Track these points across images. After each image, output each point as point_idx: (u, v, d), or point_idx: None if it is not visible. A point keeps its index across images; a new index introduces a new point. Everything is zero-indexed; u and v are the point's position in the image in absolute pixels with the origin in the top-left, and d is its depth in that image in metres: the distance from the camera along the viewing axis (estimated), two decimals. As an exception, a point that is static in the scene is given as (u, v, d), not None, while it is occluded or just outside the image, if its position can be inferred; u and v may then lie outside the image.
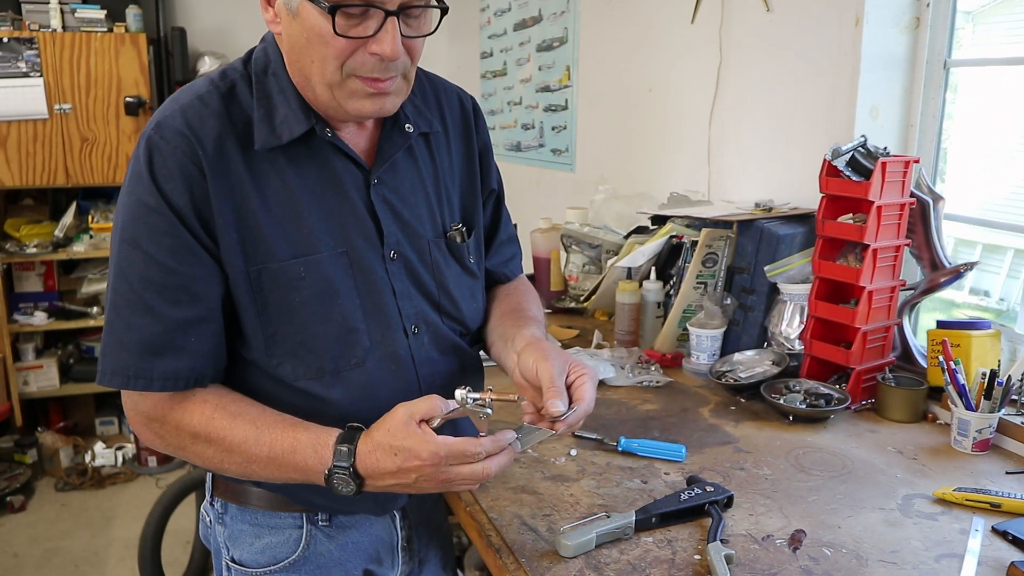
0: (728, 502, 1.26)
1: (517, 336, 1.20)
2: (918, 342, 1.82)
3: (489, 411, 1.03)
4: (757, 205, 1.98)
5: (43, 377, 4.09)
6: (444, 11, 1.07)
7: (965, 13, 1.85)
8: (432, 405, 1.02)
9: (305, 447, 1.04)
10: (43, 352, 4.19)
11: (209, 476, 1.29)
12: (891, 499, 1.31)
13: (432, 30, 1.08)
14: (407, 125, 1.18)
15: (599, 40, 3.00)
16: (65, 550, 3.33)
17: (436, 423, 1.02)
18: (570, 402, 1.06)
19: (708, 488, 1.25)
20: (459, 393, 1.03)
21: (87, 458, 3.95)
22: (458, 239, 1.25)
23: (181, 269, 1.04)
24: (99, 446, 4.01)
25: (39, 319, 4.03)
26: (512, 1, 3.61)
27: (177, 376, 1.06)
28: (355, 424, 1.06)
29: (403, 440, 1.00)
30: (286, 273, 1.08)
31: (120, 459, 4.00)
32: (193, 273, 1.05)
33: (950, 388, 1.52)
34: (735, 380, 1.74)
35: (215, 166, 1.04)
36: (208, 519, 1.30)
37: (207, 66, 4.23)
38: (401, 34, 1.02)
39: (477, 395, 1.03)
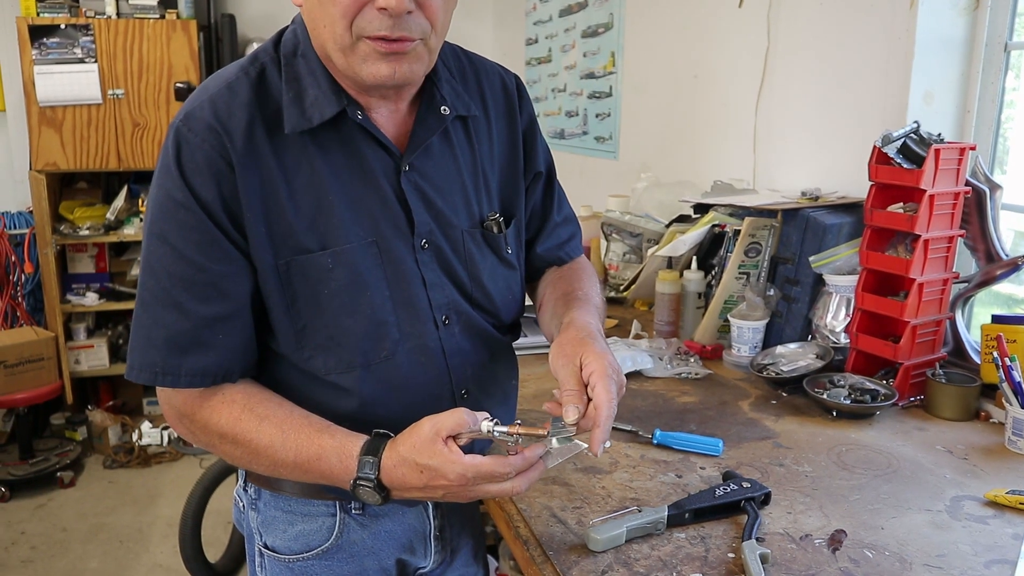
0: (765, 499, 1.22)
1: (563, 318, 1.15)
2: (972, 337, 1.75)
3: (514, 444, 1.00)
4: (803, 194, 1.92)
5: (94, 356, 4.18)
6: None
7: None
8: (459, 420, 0.99)
9: (330, 454, 1.03)
10: (94, 332, 4.28)
11: None
12: (939, 500, 1.26)
13: None
14: (443, 108, 1.14)
15: (645, 26, 2.94)
16: (111, 526, 3.41)
17: (463, 440, 0.99)
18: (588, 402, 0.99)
19: (745, 484, 1.22)
20: (485, 425, 0.99)
21: (134, 437, 4.03)
22: (495, 229, 1.20)
23: (209, 265, 1.03)
24: (146, 425, 4.08)
25: (91, 300, 4.12)
26: (558, -14, 3.57)
27: (204, 373, 1.05)
28: (381, 432, 1.04)
29: (429, 459, 0.97)
30: (315, 265, 1.07)
31: (166, 439, 4.06)
32: (221, 269, 1.04)
33: (1005, 386, 1.46)
34: (777, 373, 1.70)
35: (243, 159, 1.03)
36: (241, 504, 1.30)
37: (255, 52, 4.26)
38: None
39: (504, 428, 0.99)
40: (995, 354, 1.47)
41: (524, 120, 1.27)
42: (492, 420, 1.00)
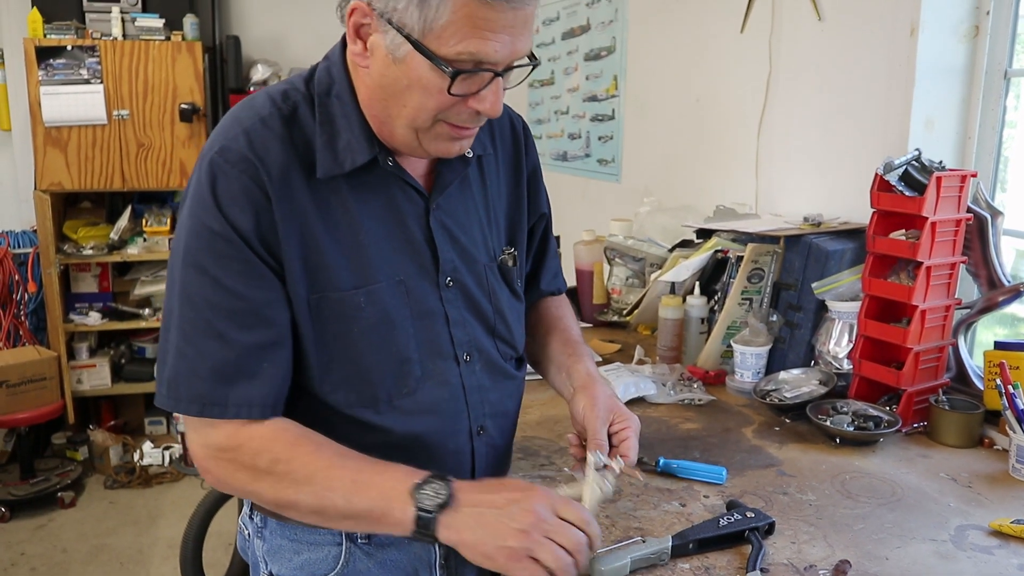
0: (769, 529, 1.22)
1: (574, 371, 1.26)
2: (975, 363, 1.75)
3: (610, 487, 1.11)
4: (806, 219, 1.93)
5: (96, 376, 4.18)
6: (536, 65, 1.07)
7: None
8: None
9: (398, 470, 1.02)
10: (96, 351, 4.29)
11: None
12: (943, 530, 1.25)
13: (520, 81, 1.08)
14: (467, 151, 1.18)
15: (647, 49, 2.96)
16: (111, 547, 3.40)
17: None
18: (613, 448, 1.15)
19: (749, 514, 1.21)
20: (591, 457, 1.10)
21: (135, 457, 4.03)
22: (510, 263, 1.25)
23: (250, 294, 1.03)
24: (147, 445, 4.09)
25: (93, 319, 4.13)
26: (561, 10, 3.60)
27: (252, 403, 1.03)
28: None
29: (515, 480, 1.06)
30: (346, 303, 1.07)
31: (167, 459, 4.07)
32: (263, 297, 1.04)
33: (1008, 413, 1.46)
34: (780, 400, 1.70)
35: (280, 192, 1.03)
36: (247, 532, 1.29)
37: (260, 74, 4.30)
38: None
39: (604, 459, 1.11)
40: (998, 381, 1.47)
41: (530, 162, 1.32)
42: (594, 451, 1.12)
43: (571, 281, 2.47)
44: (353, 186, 1.08)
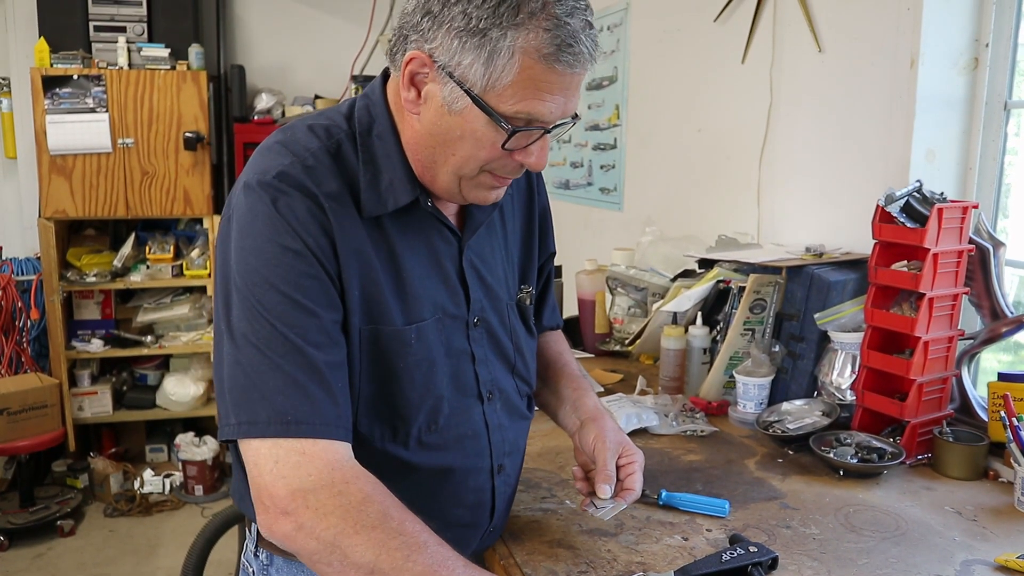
0: (772, 564, 1.20)
1: (580, 404, 1.30)
2: (978, 394, 1.74)
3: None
4: (808, 250, 1.93)
5: (97, 403, 4.18)
6: (576, 121, 1.10)
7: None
8: None
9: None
10: (98, 379, 4.29)
11: (254, 527, 1.25)
12: (948, 564, 1.24)
13: (561, 135, 1.11)
14: None
15: (649, 79, 2.98)
16: (111, 577, 3.37)
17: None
18: (619, 481, 1.19)
19: (752, 548, 1.20)
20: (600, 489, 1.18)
21: (136, 485, 4.01)
22: (527, 301, 1.29)
23: (322, 312, 1.00)
24: (148, 473, 4.07)
25: (96, 346, 4.13)
26: (563, 39, 3.62)
27: (339, 423, 0.98)
28: None
29: None
30: (399, 338, 1.08)
31: (168, 487, 4.05)
32: (333, 317, 1.02)
33: (1013, 446, 1.44)
34: (783, 431, 1.69)
35: (339, 221, 1.03)
36: (251, 569, 1.27)
37: (264, 102, 4.33)
38: None
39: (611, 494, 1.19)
40: (1002, 413, 1.46)
41: (541, 201, 1.35)
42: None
43: (573, 310, 2.47)
44: (395, 225, 1.09)
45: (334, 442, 0.97)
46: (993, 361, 1.87)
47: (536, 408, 1.38)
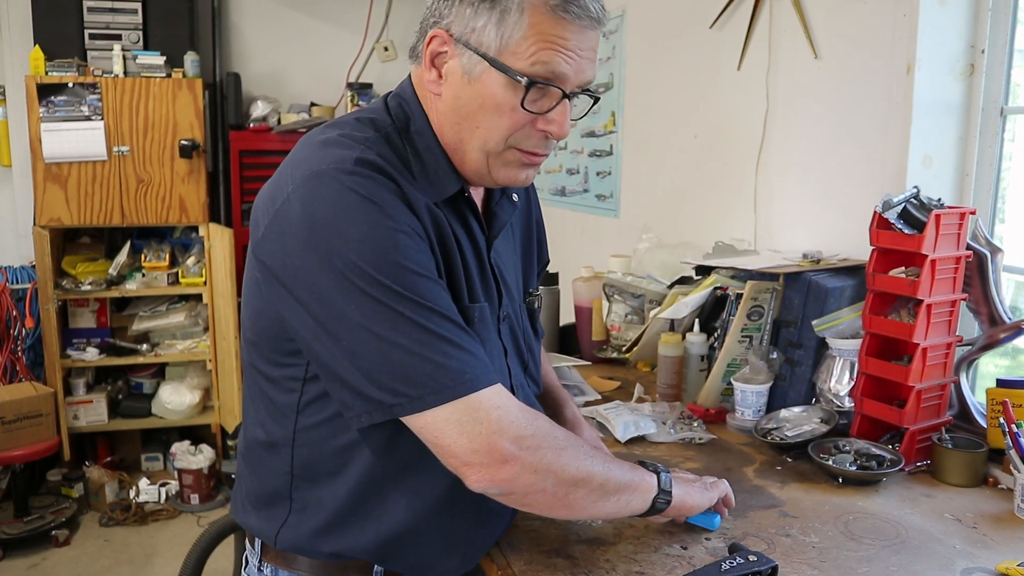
0: (772, 573, 1.19)
1: (560, 413, 1.39)
2: (977, 400, 1.74)
3: None
4: (805, 256, 1.93)
5: (92, 412, 4.16)
6: (596, 100, 1.15)
7: (1022, 53, 1.79)
8: None
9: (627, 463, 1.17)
10: (93, 387, 4.26)
11: (259, 542, 1.24)
12: (949, 572, 1.23)
13: (583, 115, 1.16)
14: (514, 195, 1.26)
15: (645, 86, 2.99)
16: (106, 588, 3.35)
17: None
18: None
19: (751, 557, 1.19)
20: None
21: (131, 494, 3.99)
22: (536, 305, 1.34)
23: (441, 284, 1.05)
24: (144, 482, 4.05)
25: (91, 355, 4.12)
26: (559, 46, 3.63)
27: (492, 369, 1.04)
28: None
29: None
30: (469, 316, 1.10)
31: (163, 496, 4.03)
32: (444, 285, 1.07)
33: (1012, 452, 1.44)
34: (781, 438, 1.68)
35: (417, 202, 1.06)
36: None
37: (259, 110, 4.33)
38: None
39: None
40: (1001, 420, 1.46)
41: (537, 212, 1.42)
42: None
43: (570, 318, 2.46)
44: (446, 213, 1.12)
45: (497, 386, 1.03)
46: (991, 367, 1.86)
47: None
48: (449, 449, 1.01)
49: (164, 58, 4.03)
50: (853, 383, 1.73)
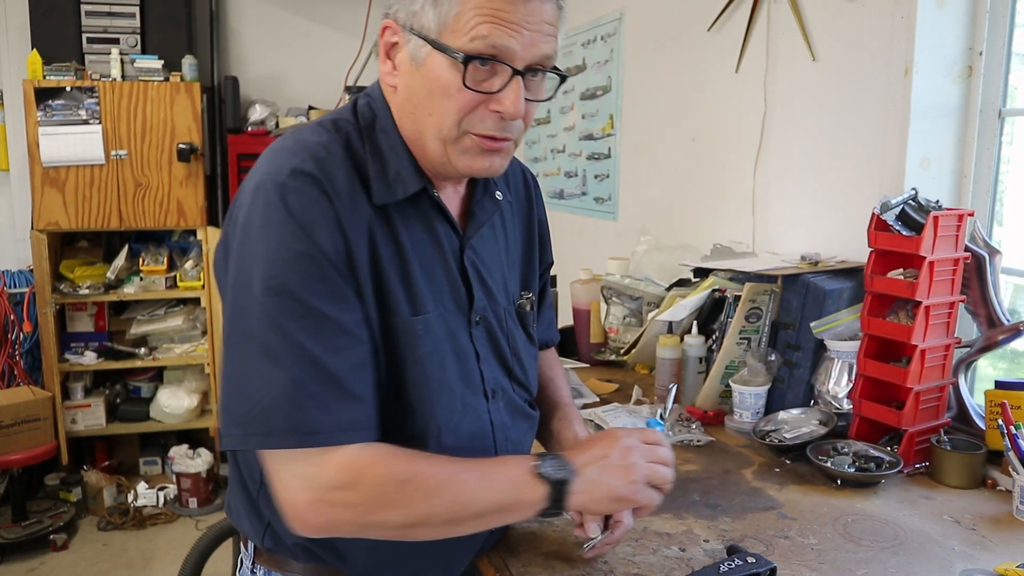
0: (771, 574, 1.19)
1: (563, 438, 1.31)
2: (975, 402, 1.73)
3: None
4: (803, 258, 1.93)
5: (90, 416, 4.14)
6: (563, 79, 1.09)
7: (1020, 56, 1.79)
8: None
9: (509, 460, 1.09)
10: (91, 391, 4.25)
11: (251, 544, 1.23)
12: (947, 574, 1.23)
13: (549, 96, 1.10)
14: (497, 192, 1.22)
15: (643, 89, 2.99)
16: (104, 592, 3.34)
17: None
18: (608, 519, 1.17)
19: (750, 559, 1.19)
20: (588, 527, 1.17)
21: (130, 498, 3.98)
22: (527, 308, 1.29)
23: (338, 315, 1.00)
24: (142, 486, 4.04)
25: (89, 359, 4.10)
26: (557, 49, 3.63)
27: (357, 425, 1.00)
28: None
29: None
30: (408, 330, 1.08)
31: (162, 500, 4.02)
32: (350, 318, 1.02)
33: (1011, 454, 1.44)
34: (780, 440, 1.68)
35: (350, 213, 1.03)
36: None
37: (257, 114, 4.33)
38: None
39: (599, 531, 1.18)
40: (1000, 421, 1.46)
41: (539, 212, 1.37)
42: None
43: (568, 320, 2.46)
44: (402, 215, 1.09)
45: (349, 445, 0.99)
46: (990, 369, 1.86)
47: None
48: (274, 489, 1.01)
49: (162, 62, 4.03)
50: (851, 385, 1.72)
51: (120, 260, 4.16)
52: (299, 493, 0.98)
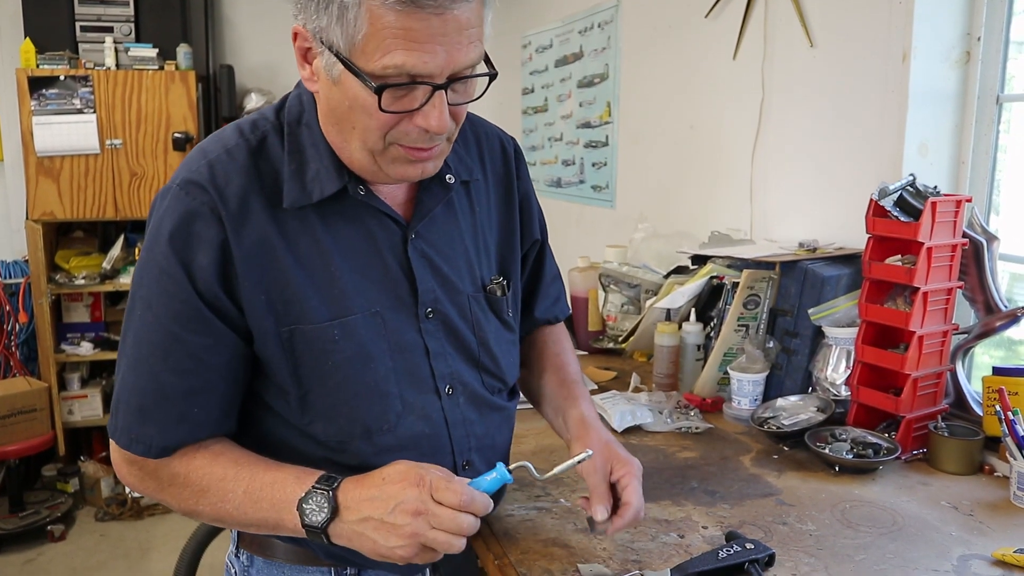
0: (769, 561, 1.20)
1: (569, 417, 1.23)
2: (973, 388, 1.73)
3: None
4: (801, 245, 1.92)
5: (87, 407, 4.14)
6: (493, 77, 1.01)
7: (1017, 44, 1.79)
8: (445, 472, 1.00)
9: (288, 478, 1.01)
10: (88, 382, 4.24)
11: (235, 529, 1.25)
12: (945, 560, 1.23)
13: (479, 95, 1.02)
14: (448, 176, 1.14)
15: (640, 76, 2.97)
16: (102, 582, 3.35)
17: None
18: (617, 501, 1.12)
19: (748, 545, 1.19)
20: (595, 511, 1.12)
21: (127, 488, 3.98)
22: (498, 292, 1.21)
23: (188, 337, 1.01)
24: (141, 479, 4.03)
25: (85, 349, 4.09)
26: (554, 37, 3.62)
27: (177, 447, 1.04)
28: None
29: (393, 467, 0.99)
30: (320, 336, 1.05)
31: (159, 490, 4.02)
32: (201, 341, 1.02)
33: (1008, 440, 1.44)
34: (778, 427, 1.68)
35: (238, 224, 1.01)
36: (233, 570, 1.26)
37: (253, 102, 4.31)
38: (447, 103, 0.97)
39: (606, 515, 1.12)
40: (997, 407, 1.46)
41: (522, 185, 1.28)
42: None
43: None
44: (324, 216, 1.06)
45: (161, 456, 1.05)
46: (986, 357, 1.86)
47: (524, 402, 1.34)
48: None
49: (156, 50, 4.01)
50: (849, 371, 1.72)
51: (116, 250, 4.14)
52: (115, 453, 1.08)
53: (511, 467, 1.05)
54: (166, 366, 1.01)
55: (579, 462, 1.08)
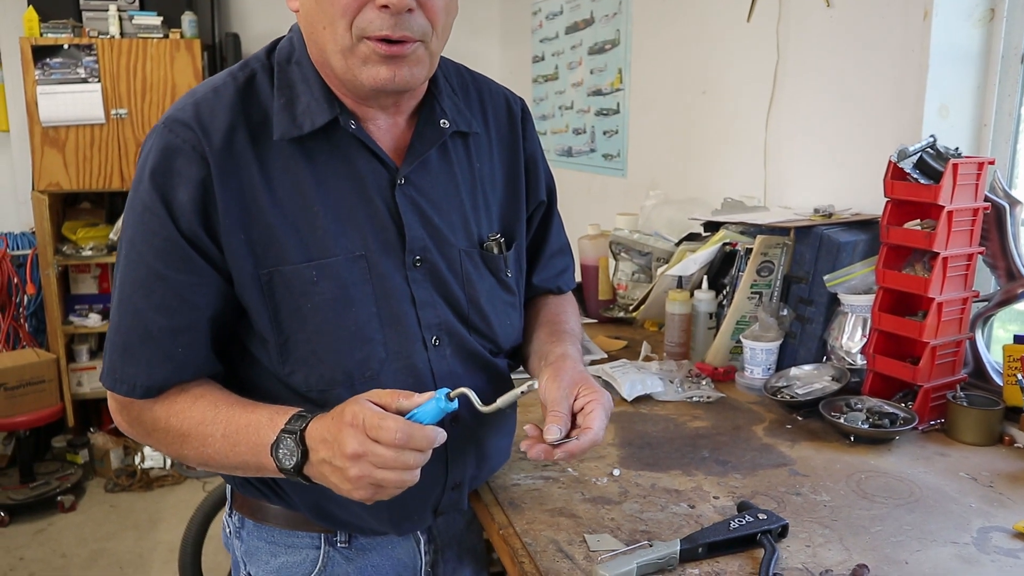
0: (783, 531, 1.16)
1: (550, 353, 1.16)
2: (992, 358, 1.69)
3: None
4: (816, 211, 1.87)
5: (96, 379, 4.13)
6: None
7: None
8: (394, 392, 0.95)
9: (262, 420, 0.99)
10: (97, 353, 4.24)
11: (229, 488, 1.25)
12: (965, 532, 1.19)
13: None
14: (443, 121, 1.12)
15: (651, 42, 2.91)
16: (111, 551, 3.36)
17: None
18: (575, 427, 1.04)
19: (761, 516, 1.16)
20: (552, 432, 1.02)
21: (136, 460, 3.99)
22: (495, 250, 1.17)
23: (171, 275, 1.00)
24: (148, 448, 4.04)
25: (93, 321, 4.09)
26: (564, 4, 3.55)
27: (162, 386, 1.04)
28: None
29: (344, 404, 0.94)
30: (298, 277, 1.03)
31: (168, 461, 4.03)
32: (184, 279, 1.01)
33: (1030, 410, 1.40)
34: (791, 397, 1.64)
35: (221, 162, 1.00)
36: (228, 529, 1.27)
37: (259, 71, 4.25)
38: None
39: (561, 435, 1.03)
40: (1019, 376, 1.42)
41: (528, 145, 1.25)
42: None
43: (576, 277, 2.42)
44: (308, 152, 1.04)
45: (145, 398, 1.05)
46: (1001, 331, 1.81)
47: (521, 372, 1.28)
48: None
49: (161, 19, 3.95)
50: (865, 340, 1.68)
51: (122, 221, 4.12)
52: (110, 401, 1.10)
53: (451, 393, 0.97)
54: (149, 304, 1.01)
55: (524, 393, 1.00)
